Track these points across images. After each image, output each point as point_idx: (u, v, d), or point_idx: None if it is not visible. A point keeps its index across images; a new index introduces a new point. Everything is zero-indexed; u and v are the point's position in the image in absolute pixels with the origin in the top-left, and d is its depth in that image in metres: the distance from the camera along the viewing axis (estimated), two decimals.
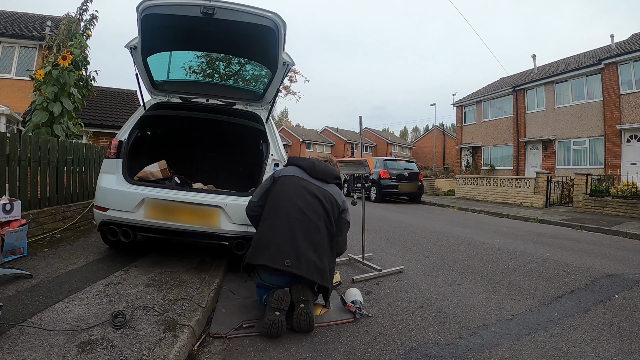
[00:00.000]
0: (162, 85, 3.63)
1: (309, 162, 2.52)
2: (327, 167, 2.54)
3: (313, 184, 2.40)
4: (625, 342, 2.10)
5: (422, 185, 12.45)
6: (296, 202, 2.26)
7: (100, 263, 3.03)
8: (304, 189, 2.34)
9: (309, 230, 2.20)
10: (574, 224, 7.32)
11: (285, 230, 2.19)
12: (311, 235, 2.20)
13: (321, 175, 2.46)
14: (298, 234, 2.17)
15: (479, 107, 20.16)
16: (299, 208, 2.24)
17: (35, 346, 1.64)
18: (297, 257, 2.11)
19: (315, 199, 2.30)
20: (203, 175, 4.12)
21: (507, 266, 3.85)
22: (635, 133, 12.60)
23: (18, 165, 3.51)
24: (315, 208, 2.27)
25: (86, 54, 5.72)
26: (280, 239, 2.17)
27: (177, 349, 1.73)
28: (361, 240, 3.79)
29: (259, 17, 2.77)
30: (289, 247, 2.14)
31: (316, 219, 2.25)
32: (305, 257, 2.12)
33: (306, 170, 2.47)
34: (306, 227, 2.20)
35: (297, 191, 2.32)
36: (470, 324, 2.32)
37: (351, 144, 44.16)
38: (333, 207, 2.36)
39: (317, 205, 2.29)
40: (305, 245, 2.15)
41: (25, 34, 11.68)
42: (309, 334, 2.11)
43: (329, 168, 2.54)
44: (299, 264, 2.10)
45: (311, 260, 2.13)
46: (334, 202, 2.38)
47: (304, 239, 2.17)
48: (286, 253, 2.12)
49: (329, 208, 2.33)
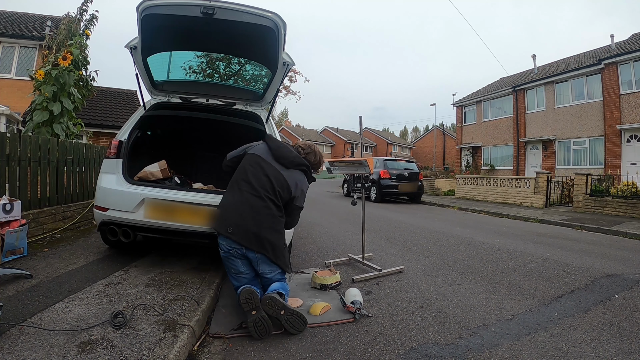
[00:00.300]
0: (162, 85, 3.63)
1: (275, 145, 2.65)
2: (289, 153, 2.64)
3: (272, 166, 2.55)
4: (625, 342, 2.10)
5: (422, 185, 12.44)
6: (250, 180, 2.46)
7: (100, 263, 3.03)
8: (261, 169, 2.52)
9: (255, 206, 2.40)
10: (574, 224, 7.31)
11: (236, 203, 2.41)
12: (257, 210, 2.39)
13: (282, 160, 2.59)
14: (245, 208, 2.38)
15: (479, 107, 20.15)
16: (252, 185, 2.44)
17: (35, 346, 1.65)
18: (238, 226, 2.32)
19: (268, 180, 2.47)
20: (203, 175, 4.12)
21: (507, 266, 3.85)
22: (635, 133, 12.60)
23: (18, 165, 3.51)
24: (265, 187, 2.45)
25: (86, 54, 5.72)
26: (231, 210, 2.40)
27: (177, 349, 1.73)
28: (361, 240, 3.79)
29: (259, 17, 2.77)
30: (235, 217, 2.35)
31: (264, 197, 2.42)
32: (245, 227, 2.32)
33: (271, 152, 2.62)
34: (254, 204, 2.39)
35: (254, 170, 2.52)
36: (470, 324, 2.32)
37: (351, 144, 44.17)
38: (283, 191, 2.51)
39: (268, 185, 2.46)
40: (249, 218, 2.35)
41: (25, 34, 11.68)
42: (309, 334, 2.12)
43: (291, 154, 2.65)
44: (239, 233, 2.31)
45: (251, 231, 2.32)
46: (285, 186, 2.51)
47: (250, 213, 2.37)
48: (230, 222, 2.34)
49: (279, 191, 2.49)
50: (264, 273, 2.40)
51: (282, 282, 2.42)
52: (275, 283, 2.38)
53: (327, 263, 3.64)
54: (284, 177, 2.52)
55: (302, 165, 2.64)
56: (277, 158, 2.58)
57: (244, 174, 2.51)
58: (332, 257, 3.95)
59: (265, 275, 2.40)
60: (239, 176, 2.52)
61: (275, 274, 2.41)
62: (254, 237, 2.33)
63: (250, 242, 2.32)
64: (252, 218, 2.35)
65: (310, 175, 2.73)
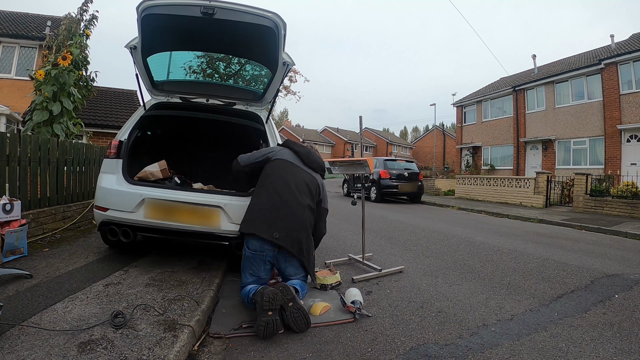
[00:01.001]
0: (162, 85, 3.63)
1: (305, 151, 2.79)
2: (319, 159, 2.84)
3: (305, 171, 2.68)
4: (625, 342, 2.10)
5: (422, 185, 12.44)
6: (290, 185, 2.54)
7: (100, 263, 3.03)
8: (297, 175, 2.62)
9: (299, 212, 2.48)
10: (574, 224, 7.31)
11: (278, 209, 2.46)
12: (298, 216, 2.47)
13: (313, 165, 2.75)
14: (290, 213, 2.45)
15: (479, 107, 20.15)
16: (292, 191, 2.52)
17: (35, 346, 1.65)
18: (286, 231, 2.39)
19: (306, 186, 2.59)
20: (203, 175, 4.12)
21: (507, 266, 3.85)
22: (635, 133, 12.60)
23: (18, 165, 3.50)
24: (304, 192, 2.56)
25: (86, 54, 5.72)
26: (273, 216, 2.43)
27: (177, 349, 1.73)
28: (361, 240, 3.79)
29: (259, 17, 2.77)
30: (281, 223, 2.41)
31: (304, 202, 2.53)
32: (292, 233, 2.41)
33: (301, 157, 2.74)
34: (297, 210, 2.48)
35: (290, 175, 2.60)
36: (470, 324, 2.32)
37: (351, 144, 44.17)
38: (317, 194, 2.68)
39: (306, 190, 2.58)
40: (295, 224, 2.44)
41: (25, 34, 11.67)
42: (309, 333, 2.12)
43: (320, 159, 2.84)
44: (286, 238, 2.38)
45: (296, 236, 2.42)
46: (318, 190, 2.68)
47: (295, 219, 2.45)
48: (276, 227, 2.39)
49: (314, 192, 2.64)
50: (290, 275, 2.49)
51: (304, 283, 2.52)
52: (294, 280, 2.46)
53: (327, 263, 3.64)
54: (317, 180, 2.70)
55: (324, 170, 2.85)
56: (307, 163, 2.73)
57: (278, 180, 2.57)
58: (332, 257, 3.95)
59: (290, 276, 2.48)
60: (273, 181, 2.58)
61: (300, 277, 2.51)
62: (297, 242, 2.42)
63: (294, 247, 2.40)
64: (297, 223, 2.44)
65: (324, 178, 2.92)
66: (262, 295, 2.07)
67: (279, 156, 2.71)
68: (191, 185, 3.43)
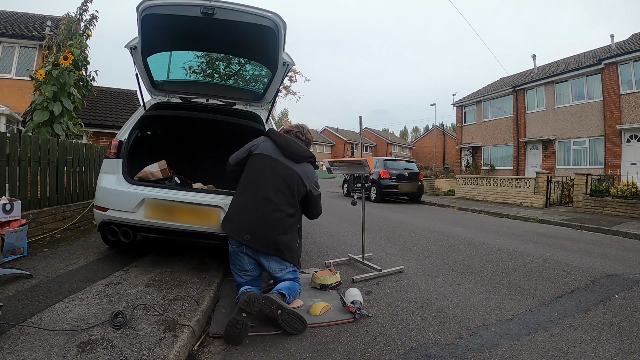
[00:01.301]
0: (162, 85, 3.63)
1: (283, 141, 2.63)
2: (299, 148, 2.66)
3: (284, 164, 2.54)
4: (625, 342, 2.10)
5: (422, 185, 12.44)
6: (263, 183, 2.47)
7: (100, 263, 3.03)
8: (273, 170, 2.51)
9: (271, 211, 2.41)
10: (574, 224, 7.31)
11: (250, 209, 2.42)
12: (272, 216, 2.41)
13: (292, 156, 2.59)
14: (261, 214, 2.40)
15: (479, 107, 20.15)
16: (265, 189, 2.45)
17: (35, 346, 1.65)
18: (255, 234, 2.35)
19: (283, 182, 2.49)
20: (203, 175, 4.12)
21: (507, 266, 3.85)
22: (635, 133, 12.60)
23: (18, 165, 3.50)
24: (280, 189, 2.47)
25: (86, 54, 5.72)
26: (246, 216, 2.41)
27: (177, 349, 1.73)
28: (361, 240, 3.79)
29: (259, 17, 2.77)
30: (251, 224, 2.37)
31: (278, 201, 2.44)
32: (263, 235, 2.36)
33: (280, 148, 2.60)
34: (269, 209, 2.41)
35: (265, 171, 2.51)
36: (470, 324, 2.32)
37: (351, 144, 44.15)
38: (299, 187, 2.55)
39: (283, 186, 2.48)
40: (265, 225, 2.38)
41: (25, 34, 11.67)
42: (309, 334, 2.12)
43: (301, 149, 2.66)
44: (256, 240, 2.35)
45: (268, 237, 2.37)
46: (300, 183, 2.54)
47: (266, 219, 2.39)
48: (246, 229, 2.36)
49: (294, 188, 2.52)
50: (274, 272, 2.45)
51: (293, 282, 2.46)
52: (282, 282, 2.41)
53: (327, 263, 3.64)
54: (298, 173, 2.55)
55: (310, 157, 2.69)
56: (287, 154, 2.58)
57: (255, 176, 2.50)
58: (332, 257, 3.95)
59: (276, 274, 2.45)
60: (250, 178, 2.52)
61: (286, 272, 2.46)
62: (272, 243, 2.38)
63: (268, 248, 2.37)
64: (268, 224, 2.38)
65: (315, 164, 2.78)
66: (243, 295, 2.06)
67: (259, 150, 2.59)
68: (191, 185, 3.43)
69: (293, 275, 2.49)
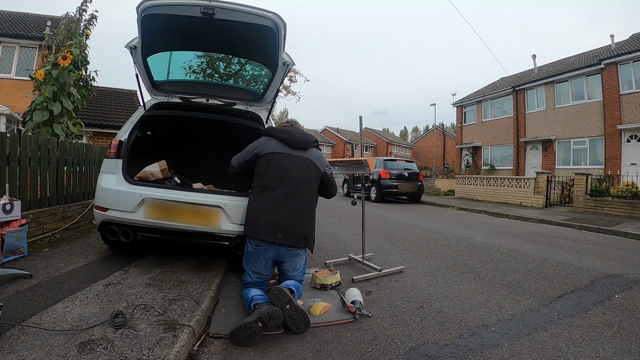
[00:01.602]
0: (162, 85, 3.63)
1: (287, 135, 2.69)
2: (304, 136, 2.73)
3: (296, 156, 2.61)
4: (625, 342, 2.10)
5: (422, 185, 12.43)
6: (285, 180, 2.51)
7: (100, 263, 3.03)
8: (289, 165, 2.57)
9: (300, 206, 2.49)
10: (574, 224, 7.31)
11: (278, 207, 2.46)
12: (301, 210, 2.50)
13: (300, 145, 2.66)
14: (291, 211, 2.46)
15: (479, 107, 20.15)
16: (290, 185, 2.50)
17: (35, 346, 1.65)
18: (288, 231, 2.42)
19: (301, 172, 2.57)
20: (203, 175, 4.12)
21: (507, 266, 3.85)
22: (635, 133, 12.59)
23: (18, 165, 3.50)
24: (301, 180, 2.54)
25: (86, 54, 5.71)
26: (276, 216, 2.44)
27: (177, 349, 1.73)
28: (361, 240, 3.79)
29: (259, 17, 2.77)
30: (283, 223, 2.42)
31: (306, 193, 2.54)
32: (296, 230, 2.44)
33: (285, 143, 2.66)
34: (297, 204, 2.48)
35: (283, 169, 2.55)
36: (470, 324, 2.32)
37: (351, 144, 44.16)
38: (317, 172, 2.66)
39: (303, 177, 2.56)
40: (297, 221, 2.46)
41: (25, 34, 11.67)
42: (309, 333, 2.12)
43: (306, 136, 2.74)
44: (290, 237, 2.42)
45: (300, 233, 2.46)
46: (313, 167, 2.64)
47: (296, 215, 2.46)
48: (278, 227, 2.41)
49: (312, 175, 2.62)
50: (287, 270, 2.49)
51: (299, 283, 2.52)
52: (290, 280, 2.47)
53: (327, 263, 3.64)
54: (311, 160, 2.65)
55: (315, 141, 2.77)
56: (295, 145, 2.64)
57: (273, 175, 2.53)
58: (332, 257, 3.95)
59: (288, 272, 2.49)
60: (268, 178, 2.53)
61: (297, 272, 2.52)
62: (303, 237, 2.47)
63: (299, 242, 2.46)
64: (301, 219, 2.47)
65: (319, 145, 2.86)
66: (266, 307, 2.04)
67: (267, 150, 2.62)
68: (191, 185, 3.43)
69: (301, 278, 2.57)
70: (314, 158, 2.67)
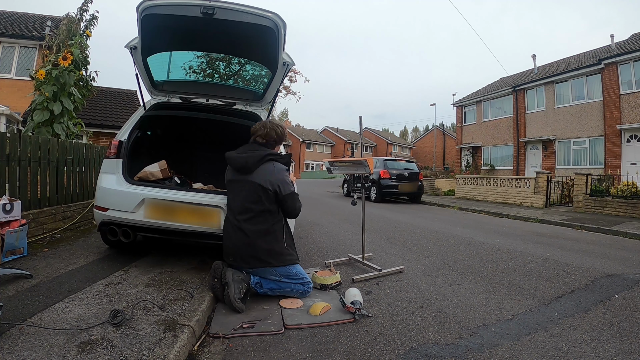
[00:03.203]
0: (162, 85, 3.63)
1: (231, 160, 2.65)
2: (244, 159, 2.58)
3: (241, 181, 2.59)
4: (625, 342, 2.10)
5: (422, 185, 12.43)
6: (233, 206, 2.61)
7: (100, 263, 3.03)
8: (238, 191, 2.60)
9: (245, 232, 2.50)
10: (574, 224, 7.31)
11: (229, 233, 2.58)
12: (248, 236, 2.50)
13: (242, 170, 2.59)
14: (237, 237, 2.52)
15: (479, 107, 20.15)
16: (236, 211, 2.57)
17: (35, 346, 1.65)
18: (236, 256, 2.53)
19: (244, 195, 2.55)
20: (203, 175, 4.12)
21: (507, 266, 3.85)
22: (635, 133, 12.60)
23: (18, 165, 3.50)
24: (246, 204, 2.54)
25: (86, 54, 5.71)
26: (227, 239, 2.59)
27: (177, 349, 1.73)
28: (361, 240, 3.79)
29: (259, 17, 2.77)
30: (231, 248, 2.56)
31: (250, 213, 2.53)
32: (241, 255, 2.52)
33: (233, 168, 2.67)
34: (243, 230, 2.51)
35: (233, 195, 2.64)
36: (470, 324, 2.32)
37: (351, 144, 44.16)
38: (265, 194, 2.53)
39: (247, 200, 2.54)
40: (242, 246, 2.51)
41: (25, 34, 11.68)
42: (309, 334, 2.12)
43: (245, 159, 2.57)
44: (238, 260, 2.53)
45: (248, 255, 2.50)
46: (259, 189, 2.53)
47: (242, 240, 2.50)
48: (228, 251, 2.57)
49: (260, 195, 2.52)
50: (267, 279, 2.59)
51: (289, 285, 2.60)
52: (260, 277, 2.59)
53: (327, 263, 3.64)
54: (255, 182, 2.53)
55: (264, 157, 2.58)
56: (238, 170, 2.61)
57: (229, 201, 2.67)
58: (332, 257, 3.94)
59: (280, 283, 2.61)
60: (228, 205, 2.68)
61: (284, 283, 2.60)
62: (252, 257, 2.51)
63: (249, 263, 2.52)
64: (247, 242, 2.49)
65: (280, 157, 2.66)
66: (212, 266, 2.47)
67: (226, 177, 2.72)
68: (191, 185, 3.43)
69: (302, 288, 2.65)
70: (261, 179, 2.51)
